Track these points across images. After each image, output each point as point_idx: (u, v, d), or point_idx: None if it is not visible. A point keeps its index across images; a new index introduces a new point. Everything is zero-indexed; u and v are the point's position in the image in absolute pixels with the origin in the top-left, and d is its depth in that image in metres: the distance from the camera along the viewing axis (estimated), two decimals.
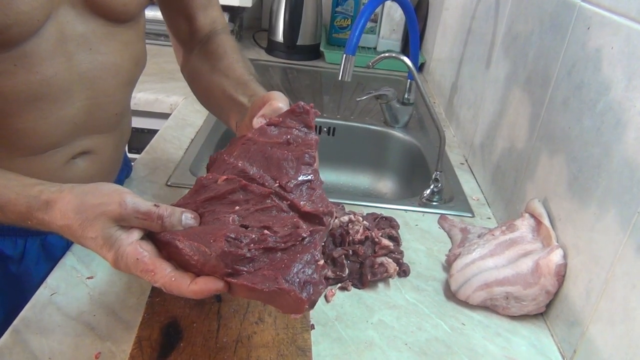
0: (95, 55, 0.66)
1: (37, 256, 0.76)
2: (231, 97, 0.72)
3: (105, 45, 0.67)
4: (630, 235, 0.56)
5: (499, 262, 0.73)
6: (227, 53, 0.78)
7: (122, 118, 0.76)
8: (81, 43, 0.64)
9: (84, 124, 0.69)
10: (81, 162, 0.72)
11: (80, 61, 0.64)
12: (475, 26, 1.22)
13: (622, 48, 0.61)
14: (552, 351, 0.68)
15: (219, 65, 0.77)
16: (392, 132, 1.29)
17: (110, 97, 0.70)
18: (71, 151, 0.69)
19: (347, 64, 1.03)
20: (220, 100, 0.75)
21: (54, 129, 0.65)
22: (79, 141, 0.70)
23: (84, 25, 0.63)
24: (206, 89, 0.78)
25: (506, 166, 0.93)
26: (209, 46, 0.80)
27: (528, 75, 0.87)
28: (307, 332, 0.62)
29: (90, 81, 0.66)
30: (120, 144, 0.80)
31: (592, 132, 0.66)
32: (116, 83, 0.70)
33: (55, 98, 0.63)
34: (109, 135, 0.74)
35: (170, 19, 0.83)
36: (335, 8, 1.78)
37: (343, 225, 0.80)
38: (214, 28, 0.82)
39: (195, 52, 0.82)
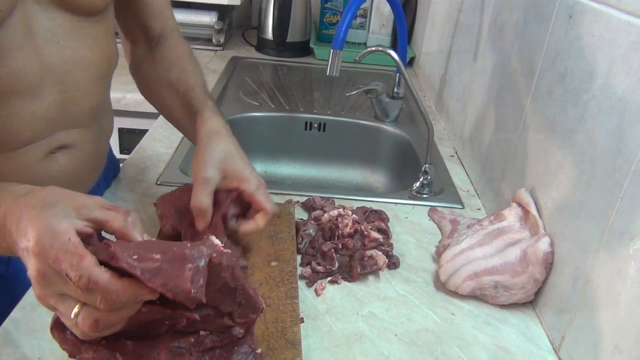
0: (64, 49, 0.66)
1: None
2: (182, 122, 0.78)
3: (73, 39, 0.67)
4: (614, 221, 0.56)
5: (488, 252, 0.74)
6: (174, 63, 0.80)
7: (100, 113, 0.76)
8: (49, 37, 0.64)
9: (59, 118, 0.68)
10: (60, 157, 0.71)
11: (48, 55, 0.64)
12: (462, 18, 1.22)
13: (603, 35, 0.62)
14: (542, 338, 0.68)
15: (169, 77, 0.79)
16: (383, 127, 1.29)
17: (83, 91, 0.70)
18: (48, 146, 0.69)
19: (335, 58, 1.03)
20: (174, 120, 0.81)
21: (27, 124, 0.65)
22: (55, 136, 0.69)
23: (50, 20, 0.64)
24: (158, 99, 0.82)
25: (494, 157, 0.93)
26: (158, 52, 0.82)
27: (514, 66, 0.88)
28: (297, 326, 0.62)
29: (60, 75, 0.66)
30: (100, 139, 0.80)
31: (576, 120, 0.66)
32: (87, 77, 0.70)
33: (25, 92, 0.63)
34: (86, 129, 0.74)
35: (123, 22, 0.84)
36: (325, 4, 1.78)
37: (332, 220, 0.80)
38: (164, 30, 0.84)
39: (145, 56, 0.84)
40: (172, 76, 0.78)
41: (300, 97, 1.40)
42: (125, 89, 1.34)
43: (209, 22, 1.67)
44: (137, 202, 0.87)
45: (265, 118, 1.30)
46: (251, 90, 1.41)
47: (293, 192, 0.94)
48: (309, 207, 0.89)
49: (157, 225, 0.80)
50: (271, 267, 0.71)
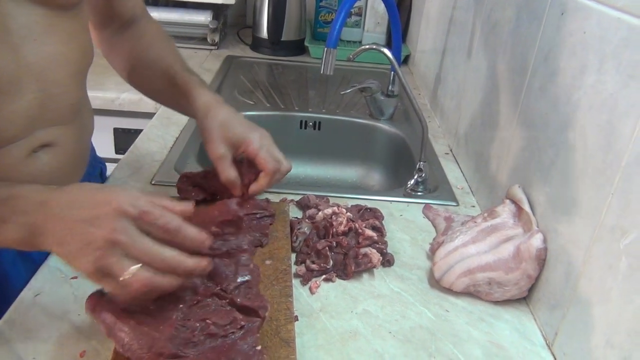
0: (41, 45, 0.65)
1: (14, 258, 0.75)
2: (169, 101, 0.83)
3: (50, 35, 0.66)
4: (605, 217, 0.57)
5: (481, 249, 0.74)
6: (151, 43, 0.84)
7: (80, 109, 0.76)
8: (25, 34, 0.63)
9: (39, 116, 0.68)
10: (43, 155, 0.71)
11: (26, 52, 0.64)
12: (456, 16, 1.22)
13: (594, 32, 0.62)
14: (535, 334, 0.69)
15: (147, 57, 0.82)
16: (378, 125, 1.30)
17: (62, 88, 0.70)
18: (31, 144, 0.69)
19: (329, 57, 1.03)
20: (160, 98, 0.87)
21: (7, 122, 0.65)
22: (37, 134, 0.69)
23: (26, 16, 0.63)
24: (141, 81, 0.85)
25: (488, 154, 0.93)
26: (131, 33, 0.85)
27: (507, 63, 0.88)
28: (291, 324, 0.62)
29: (38, 72, 0.66)
30: (82, 136, 0.79)
31: (568, 117, 0.66)
32: (66, 73, 0.70)
33: (4, 91, 0.63)
34: (68, 127, 0.74)
35: (92, 8, 0.84)
36: (320, 2, 1.78)
37: (327, 218, 0.80)
38: (134, 12, 0.86)
39: (118, 39, 0.86)
40: (150, 57, 0.82)
41: (295, 96, 1.40)
42: (120, 89, 1.34)
43: (204, 21, 1.66)
44: None
45: (261, 117, 1.30)
46: (246, 89, 1.41)
47: (288, 191, 0.94)
48: (303, 205, 0.89)
49: None
50: (265, 265, 0.71)
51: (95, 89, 1.33)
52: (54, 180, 0.73)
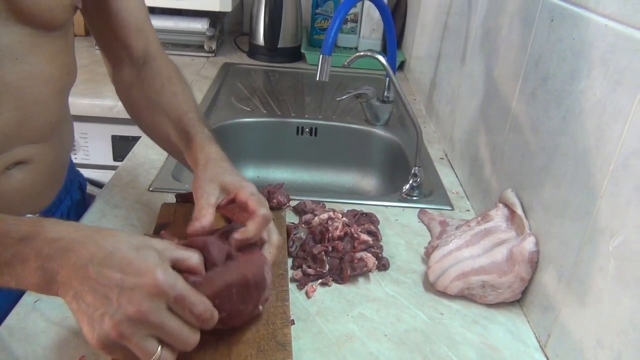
0: (22, 65, 0.65)
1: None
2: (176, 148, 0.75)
3: (32, 54, 0.66)
4: (595, 219, 0.58)
5: (475, 252, 0.75)
6: (164, 86, 0.78)
7: (59, 127, 0.75)
8: (6, 53, 0.63)
9: (16, 134, 0.67)
10: (17, 172, 0.70)
11: (6, 72, 0.63)
12: (450, 22, 1.24)
13: (583, 39, 0.63)
14: (529, 336, 0.70)
15: (160, 101, 0.77)
16: (374, 130, 1.31)
17: (41, 106, 0.69)
18: (4, 162, 0.67)
19: (324, 64, 1.05)
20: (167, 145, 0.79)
21: None
22: (12, 151, 0.68)
23: (8, 35, 0.62)
24: (149, 124, 0.80)
25: (482, 159, 0.94)
26: (146, 74, 0.80)
27: (500, 69, 0.89)
28: (287, 328, 0.63)
29: (17, 91, 0.65)
30: (60, 153, 0.78)
31: (559, 122, 0.67)
32: (47, 92, 0.69)
33: None
34: (45, 144, 0.73)
35: (102, 39, 0.82)
36: (315, 10, 1.79)
37: (323, 223, 0.81)
38: (148, 49, 0.81)
39: (132, 79, 0.81)
40: (163, 100, 0.77)
41: (292, 102, 1.41)
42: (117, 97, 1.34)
43: (201, 29, 1.68)
44: (130, 208, 0.88)
45: (257, 123, 1.31)
46: (243, 96, 1.42)
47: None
48: (299, 211, 0.90)
49: (149, 230, 0.81)
50: None
51: (94, 97, 1.34)
52: (27, 197, 0.72)
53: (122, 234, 0.51)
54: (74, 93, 0.79)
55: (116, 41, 0.80)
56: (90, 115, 1.35)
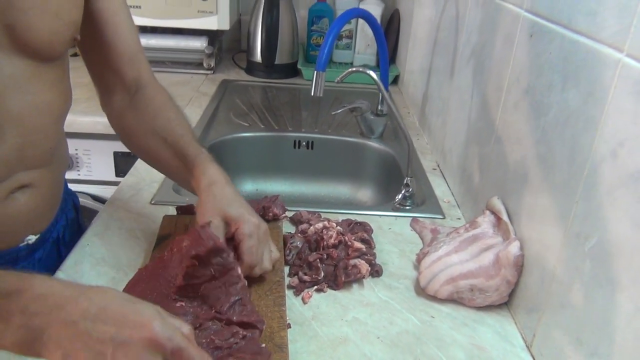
0: (25, 95, 0.67)
1: None
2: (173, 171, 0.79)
3: (34, 84, 0.68)
4: (572, 223, 0.61)
5: (463, 257, 0.78)
6: (158, 112, 0.81)
7: (57, 151, 0.78)
8: (10, 84, 0.65)
9: (18, 160, 0.70)
10: (21, 195, 0.72)
11: (10, 102, 0.66)
12: (440, 38, 1.28)
13: (558, 53, 0.67)
14: (515, 337, 0.73)
15: (154, 126, 0.79)
16: (368, 143, 1.35)
17: (42, 134, 0.72)
18: (8, 187, 0.70)
19: (319, 79, 1.09)
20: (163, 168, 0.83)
21: None
22: (15, 176, 0.70)
23: (12, 67, 0.65)
24: (144, 149, 0.82)
25: (471, 168, 0.98)
26: (138, 102, 0.82)
27: (485, 82, 0.93)
28: (284, 331, 0.66)
29: (20, 120, 0.67)
30: (58, 175, 0.82)
31: (539, 132, 0.71)
32: (47, 120, 0.72)
33: None
34: (45, 168, 0.75)
35: (95, 68, 0.83)
36: (311, 27, 1.84)
37: (318, 232, 0.85)
38: (140, 77, 0.83)
39: (124, 106, 0.83)
40: (158, 125, 0.79)
41: (289, 117, 1.45)
42: None
43: (200, 47, 1.73)
44: (133, 221, 0.91)
45: (255, 138, 1.35)
46: (241, 112, 1.46)
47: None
48: (296, 221, 0.93)
49: (151, 242, 0.84)
50: (260, 277, 0.75)
51: (96, 114, 1.38)
52: (30, 218, 0.75)
53: (115, 290, 0.50)
54: (76, 111, 0.82)
55: (109, 69, 0.82)
56: (92, 133, 1.39)
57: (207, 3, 1.64)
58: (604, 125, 0.56)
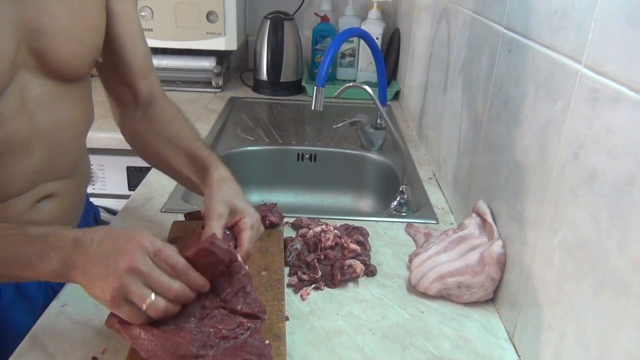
0: (52, 112, 0.75)
1: (13, 297, 0.82)
2: (184, 174, 0.86)
3: (59, 102, 0.76)
4: (544, 220, 0.67)
5: (451, 257, 0.84)
6: (170, 122, 0.89)
7: (80, 164, 0.86)
8: (39, 103, 0.73)
9: (44, 172, 0.77)
10: (45, 204, 0.79)
11: (38, 119, 0.73)
12: (435, 53, 1.35)
13: (531, 66, 0.74)
14: (499, 330, 0.78)
15: (167, 134, 0.87)
16: (369, 155, 1.41)
17: (66, 148, 0.79)
18: (35, 196, 0.77)
19: (319, 95, 1.16)
20: (174, 173, 0.89)
21: (16, 178, 0.74)
22: (41, 187, 0.77)
23: (40, 86, 0.73)
24: (156, 156, 0.89)
25: (463, 176, 1.04)
26: (150, 113, 0.90)
27: (473, 95, 1.00)
28: (282, 322, 0.72)
29: (47, 135, 0.75)
30: (81, 186, 0.89)
31: (516, 139, 0.77)
32: (71, 135, 0.80)
33: (17, 151, 0.72)
34: (69, 179, 0.83)
35: (109, 84, 0.91)
36: (315, 46, 1.92)
37: (316, 235, 0.91)
38: (152, 92, 0.91)
39: (137, 117, 0.91)
40: (170, 134, 0.87)
41: (293, 131, 1.52)
42: None
43: (208, 66, 1.81)
44: (144, 227, 0.98)
45: (261, 151, 1.42)
46: (247, 127, 1.54)
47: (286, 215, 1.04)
48: (297, 226, 0.99)
49: None
50: (261, 276, 0.81)
51: (111, 131, 1.46)
52: None
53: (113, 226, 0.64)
54: (92, 128, 0.88)
55: (125, 86, 0.90)
56: (107, 148, 1.47)
57: (216, 25, 1.73)
58: (568, 130, 0.62)
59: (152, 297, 0.60)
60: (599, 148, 0.55)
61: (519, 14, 0.79)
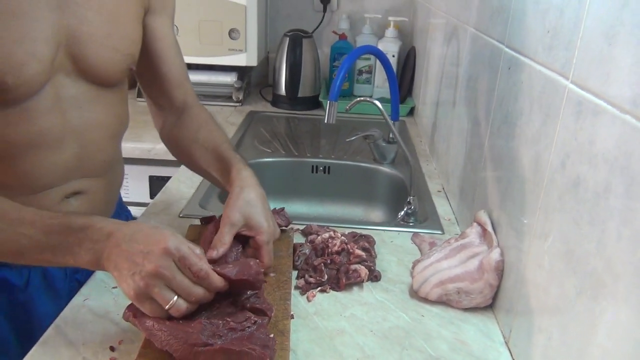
0: (84, 112, 0.81)
1: (40, 285, 0.88)
2: (211, 174, 0.93)
3: (93, 105, 0.82)
4: (536, 226, 0.70)
5: (452, 264, 0.87)
6: (201, 126, 0.96)
7: (111, 165, 0.92)
8: (72, 103, 0.79)
9: (75, 168, 0.83)
10: (74, 201, 0.85)
11: (71, 117, 0.80)
12: (446, 71, 1.39)
13: (527, 82, 0.78)
14: (496, 334, 0.81)
15: (197, 137, 0.95)
16: (381, 168, 1.45)
17: (97, 147, 0.85)
18: (64, 191, 0.83)
19: (331, 109, 1.21)
20: (203, 173, 0.97)
21: (48, 171, 0.79)
22: (71, 183, 0.83)
23: (75, 89, 0.79)
24: (188, 156, 0.97)
25: (468, 188, 1.07)
26: (185, 118, 0.98)
27: (478, 111, 1.04)
28: (287, 320, 0.76)
29: (79, 133, 0.81)
30: (112, 188, 0.95)
31: (514, 151, 0.81)
32: (102, 136, 0.86)
33: (50, 146, 0.78)
34: (99, 179, 0.88)
35: (148, 92, 1.00)
36: (333, 62, 1.98)
37: (324, 241, 0.95)
38: (186, 99, 1.00)
39: (173, 122, 0.99)
40: (201, 136, 0.95)
41: (308, 144, 1.57)
42: (155, 140, 1.53)
43: (230, 81, 1.88)
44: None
45: (276, 163, 1.47)
46: (265, 140, 1.59)
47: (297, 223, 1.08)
48: (307, 233, 1.04)
49: None
50: (270, 277, 0.86)
51: (135, 140, 1.53)
52: None
53: (145, 223, 0.70)
54: None
55: (161, 93, 0.99)
56: (131, 157, 1.53)
57: (237, 42, 1.80)
58: (557, 141, 0.66)
59: (175, 299, 0.66)
60: (582, 158, 0.59)
61: (518, 33, 0.84)
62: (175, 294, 0.66)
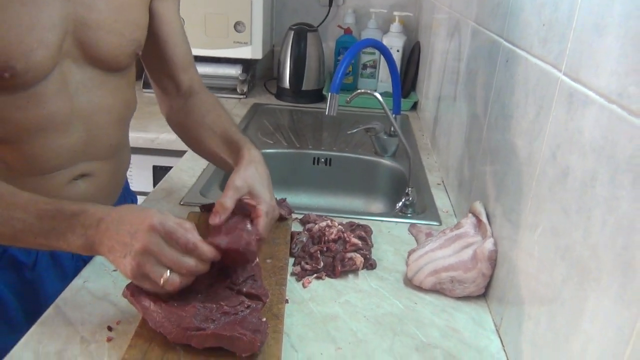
0: (91, 97, 0.83)
1: (47, 264, 0.90)
2: (220, 156, 0.94)
3: (100, 89, 0.84)
4: (527, 216, 0.71)
5: (446, 253, 0.88)
6: (209, 110, 0.98)
7: (118, 149, 0.94)
8: (80, 87, 0.81)
9: (82, 151, 0.85)
10: (82, 183, 0.87)
11: (78, 101, 0.82)
12: (448, 66, 1.40)
13: (524, 75, 0.78)
14: (488, 323, 0.82)
15: (205, 121, 0.96)
16: (382, 161, 1.46)
17: (104, 131, 0.87)
18: (72, 173, 0.85)
19: (332, 101, 1.22)
20: (211, 156, 0.98)
21: (56, 154, 0.82)
22: (78, 165, 0.86)
23: (82, 74, 0.81)
24: (196, 140, 0.98)
25: (466, 180, 1.08)
26: (191, 103, 0.99)
27: (476, 104, 1.05)
28: (282, 304, 0.78)
29: (86, 117, 0.83)
30: (118, 171, 0.97)
31: (510, 144, 0.82)
32: (109, 120, 0.88)
33: (58, 129, 0.80)
34: (106, 162, 0.91)
35: (155, 76, 1.02)
36: (337, 56, 1.99)
37: (321, 229, 0.96)
38: (192, 85, 1.02)
39: (180, 107, 1.00)
40: (209, 120, 0.97)
41: (310, 137, 1.59)
42: (159, 130, 1.55)
43: (235, 74, 1.90)
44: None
45: (278, 154, 1.49)
46: (268, 132, 1.61)
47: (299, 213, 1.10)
48: (304, 222, 1.05)
49: None
50: (266, 263, 0.87)
51: (139, 130, 1.55)
52: None
53: (134, 205, 0.71)
54: None
55: (168, 78, 1.01)
56: (135, 147, 1.55)
57: (242, 35, 1.81)
58: (549, 132, 0.67)
59: (168, 274, 0.67)
60: (572, 147, 0.60)
61: (516, 27, 0.85)
62: (168, 269, 0.67)
